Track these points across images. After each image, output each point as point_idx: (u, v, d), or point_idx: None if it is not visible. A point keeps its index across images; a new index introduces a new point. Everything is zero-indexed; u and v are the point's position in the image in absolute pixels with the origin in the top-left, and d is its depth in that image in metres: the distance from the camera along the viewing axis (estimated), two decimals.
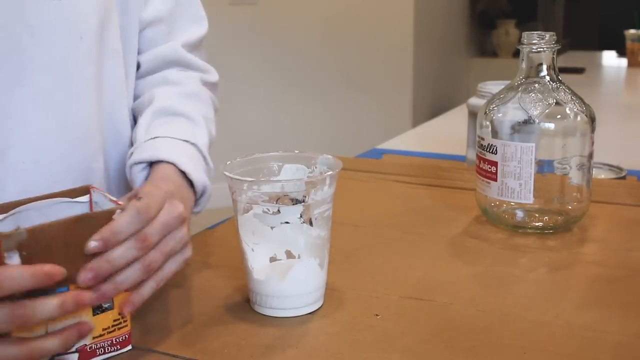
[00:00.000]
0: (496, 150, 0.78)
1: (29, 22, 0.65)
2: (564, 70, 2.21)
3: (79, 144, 0.70)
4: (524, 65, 0.79)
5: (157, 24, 0.80)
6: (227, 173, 0.59)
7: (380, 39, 3.41)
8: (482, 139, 0.80)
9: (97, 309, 0.52)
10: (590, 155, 0.79)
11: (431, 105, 3.73)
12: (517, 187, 0.77)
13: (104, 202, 0.56)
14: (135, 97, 0.81)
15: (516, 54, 0.81)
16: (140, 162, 0.71)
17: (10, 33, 0.64)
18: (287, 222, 0.58)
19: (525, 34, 0.79)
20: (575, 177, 0.79)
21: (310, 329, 0.58)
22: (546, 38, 0.78)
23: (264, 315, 0.60)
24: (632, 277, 0.68)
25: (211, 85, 0.86)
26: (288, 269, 0.59)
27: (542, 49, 0.78)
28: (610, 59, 3.06)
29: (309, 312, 0.61)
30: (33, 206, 0.55)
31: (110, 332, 0.53)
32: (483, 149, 0.80)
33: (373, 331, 0.58)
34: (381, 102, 3.45)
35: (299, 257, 0.59)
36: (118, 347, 0.54)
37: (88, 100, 0.71)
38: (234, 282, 0.66)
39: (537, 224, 0.79)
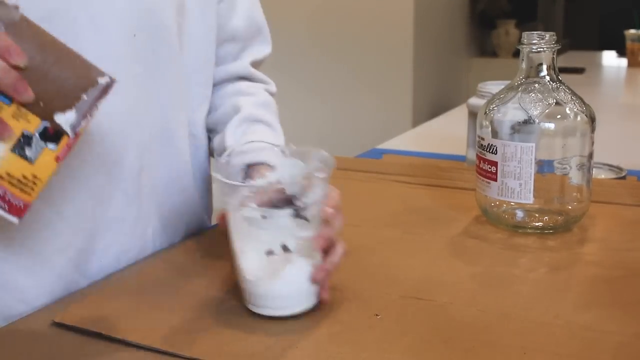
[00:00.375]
0: (496, 150, 0.78)
1: (91, 10, 0.65)
2: (564, 70, 2.20)
3: (110, 136, 0.70)
4: (524, 65, 0.79)
5: (233, 42, 0.85)
6: (216, 175, 0.59)
7: (380, 38, 3.41)
8: (482, 139, 0.80)
9: (20, 150, 0.49)
10: (590, 155, 0.79)
11: (431, 105, 3.73)
12: (517, 187, 0.77)
13: None
14: (211, 107, 0.85)
15: (516, 54, 0.81)
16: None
17: (72, 18, 0.64)
18: (277, 222, 0.57)
19: (525, 34, 0.79)
20: (575, 177, 0.79)
21: (310, 328, 0.58)
22: (546, 38, 0.78)
23: (259, 314, 0.60)
24: (632, 277, 0.68)
25: (272, 95, 0.91)
26: (279, 270, 0.59)
27: (542, 49, 0.78)
28: (610, 59, 3.06)
29: (302, 311, 0.60)
30: None
31: (12, 184, 0.48)
32: (483, 149, 0.80)
33: (373, 331, 0.58)
34: (381, 102, 3.45)
35: (292, 256, 0.59)
36: (6, 207, 0.49)
37: (128, 96, 0.70)
38: (233, 281, 0.66)
39: (537, 224, 0.79)
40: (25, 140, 0.49)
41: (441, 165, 1.11)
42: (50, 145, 0.50)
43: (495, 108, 0.80)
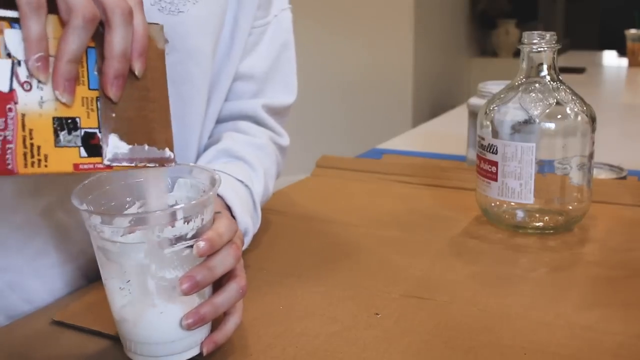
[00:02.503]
0: (496, 150, 0.78)
1: None
2: (564, 70, 2.20)
3: None
4: (524, 65, 0.79)
5: (248, 81, 0.79)
6: (76, 204, 0.49)
7: (381, 38, 3.40)
8: (483, 138, 0.80)
9: (59, 126, 0.45)
10: (591, 155, 0.79)
11: (431, 105, 3.73)
12: (517, 187, 0.77)
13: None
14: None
15: (517, 53, 0.81)
16: None
17: None
18: (134, 261, 0.48)
19: (525, 34, 0.79)
20: (575, 177, 0.79)
21: (310, 328, 0.58)
22: (547, 38, 0.78)
23: None
24: (633, 278, 0.68)
25: (280, 148, 0.85)
26: (141, 314, 0.50)
27: (542, 49, 0.78)
28: (610, 58, 3.06)
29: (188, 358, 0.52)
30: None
31: (24, 144, 0.44)
32: (483, 149, 0.80)
33: (373, 330, 0.58)
34: (381, 102, 3.45)
35: (153, 303, 0.49)
36: None
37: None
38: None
39: (537, 224, 0.79)
40: (68, 124, 0.46)
41: (441, 165, 1.11)
42: (83, 152, 0.47)
43: (496, 108, 0.79)
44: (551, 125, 0.77)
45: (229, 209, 0.67)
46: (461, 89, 4.20)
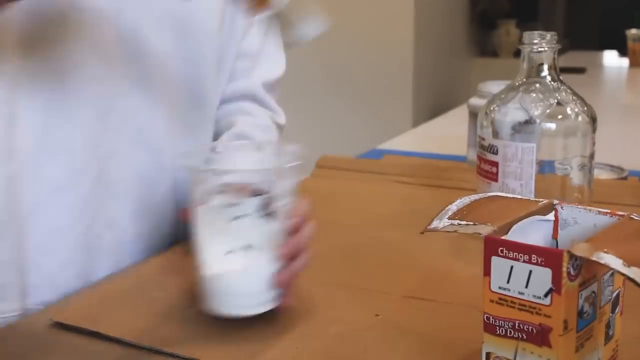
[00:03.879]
0: (497, 150, 0.78)
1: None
2: (565, 70, 2.20)
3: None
4: (524, 65, 0.79)
5: (244, 59, 0.84)
6: (186, 162, 0.57)
7: (381, 39, 3.41)
8: (483, 139, 0.80)
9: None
10: (592, 156, 0.79)
11: (432, 105, 3.73)
12: (517, 187, 0.77)
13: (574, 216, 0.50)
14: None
15: (517, 54, 0.81)
16: None
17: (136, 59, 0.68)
18: (245, 215, 0.55)
19: (526, 34, 0.78)
20: (576, 177, 0.78)
21: (310, 328, 0.58)
22: (547, 38, 0.78)
23: (224, 313, 0.57)
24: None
25: (278, 126, 0.89)
26: (245, 265, 0.56)
27: (543, 49, 0.78)
28: (611, 59, 3.06)
29: (260, 312, 0.58)
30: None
31: None
32: (484, 150, 0.80)
33: (373, 331, 0.58)
34: (381, 102, 3.45)
35: (257, 252, 0.56)
36: None
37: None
38: None
39: None
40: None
41: (442, 165, 1.11)
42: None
43: (496, 108, 0.79)
44: (552, 126, 0.77)
45: None
46: (461, 89, 4.20)
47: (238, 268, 0.56)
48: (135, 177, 0.71)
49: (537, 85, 0.78)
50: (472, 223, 0.47)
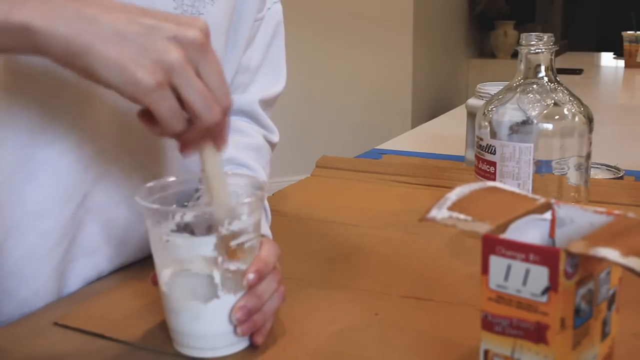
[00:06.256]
0: (495, 150, 0.78)
1: None
2: (562, 71, 2.21)
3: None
4: (522, 66, 0.80)
5: (243, 73, 0.80)
6: (139, 200, 0.52)
7: (380, 39, 3.41)
8: (481, 139, 0.81)
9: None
10: (588, 156, 0.80)
11: (430, 106, 3.73)
12: (515, 187, 0.77)
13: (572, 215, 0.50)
14: None
15: (515, 55, 0.81)
16: None
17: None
18: (201, 255, 0.51)
19: (523, 36, 0.79)
20: (573, 177, 0.79)
21: (310, 328, 0.59)
22: (544, 39, 0.78)
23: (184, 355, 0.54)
24: (631, 277, 0.68)
25: (271, 145, 0.86)
26: (204, 307, 0.52)
27: (540, 50, 0.78)
28: (607, 60, 3.06)
29: (228, 353, 0.54)
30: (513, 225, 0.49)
31: None
32: (482, 150, 0.80)
33: (372, 330, 0.58)
34: (381, 103, 3.45)
35: (216, 294, 0.52)
36: None
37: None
38: None
39: None
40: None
41: (440, 165, 1.11)
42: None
43: (494, 109, 0.80)
44: (549, 126, 0.78)
45: None
46: (460, 90, 4.21)
47: (198, 311, 0.53)
48: (124, 202, 0.67)
49: (535, 86, 0.79)
50: (470, 219, 0.47)
